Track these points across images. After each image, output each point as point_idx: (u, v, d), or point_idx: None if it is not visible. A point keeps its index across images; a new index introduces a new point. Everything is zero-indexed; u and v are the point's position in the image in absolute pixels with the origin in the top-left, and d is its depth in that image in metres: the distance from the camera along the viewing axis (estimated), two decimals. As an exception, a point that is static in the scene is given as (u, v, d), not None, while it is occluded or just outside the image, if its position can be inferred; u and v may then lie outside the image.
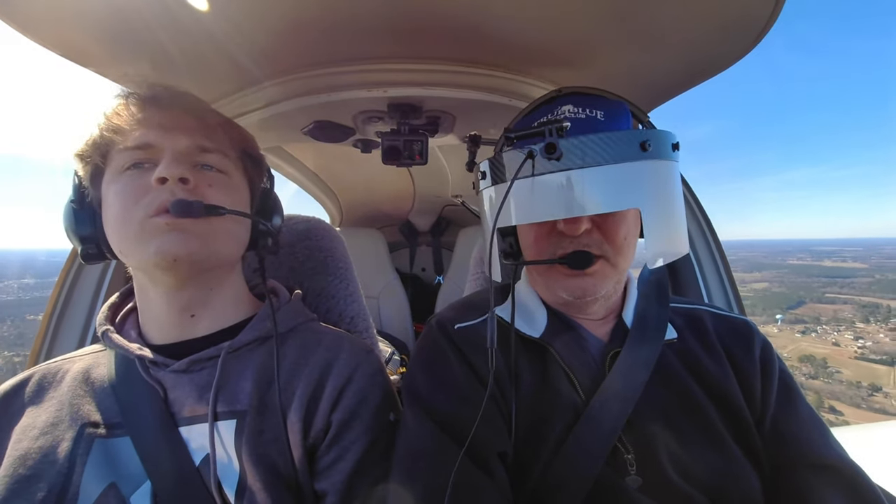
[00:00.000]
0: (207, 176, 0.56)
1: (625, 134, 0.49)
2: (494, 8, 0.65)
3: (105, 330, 0.59)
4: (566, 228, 0.55)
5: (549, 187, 0.50)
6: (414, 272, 2.49)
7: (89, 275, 0.97)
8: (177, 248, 0.51)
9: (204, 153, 0.56)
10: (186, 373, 0.56)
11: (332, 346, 0.62)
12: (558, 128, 0.48)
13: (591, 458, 0.51)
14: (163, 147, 0.54)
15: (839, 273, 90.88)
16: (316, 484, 0.55)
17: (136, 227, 0.51)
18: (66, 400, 0.56)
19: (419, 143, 0.98)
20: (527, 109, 0.65)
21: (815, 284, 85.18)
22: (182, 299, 0.57)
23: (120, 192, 0.53)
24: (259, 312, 0.63)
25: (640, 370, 0.56)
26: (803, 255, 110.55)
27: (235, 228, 0.59)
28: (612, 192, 0.50)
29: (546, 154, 0.48)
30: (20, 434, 0.53)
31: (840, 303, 73.39)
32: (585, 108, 0.56)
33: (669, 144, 0.53)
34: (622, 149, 0.49)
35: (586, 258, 0.54)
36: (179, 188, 0.52)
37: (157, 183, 0.51)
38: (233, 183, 0.59)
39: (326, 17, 0.67)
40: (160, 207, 0.51)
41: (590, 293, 0.57)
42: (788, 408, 0.57)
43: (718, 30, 0.69)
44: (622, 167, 0.49)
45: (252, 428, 0.53)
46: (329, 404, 0.56)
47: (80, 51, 0.71)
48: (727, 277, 1.14)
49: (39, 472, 0.50)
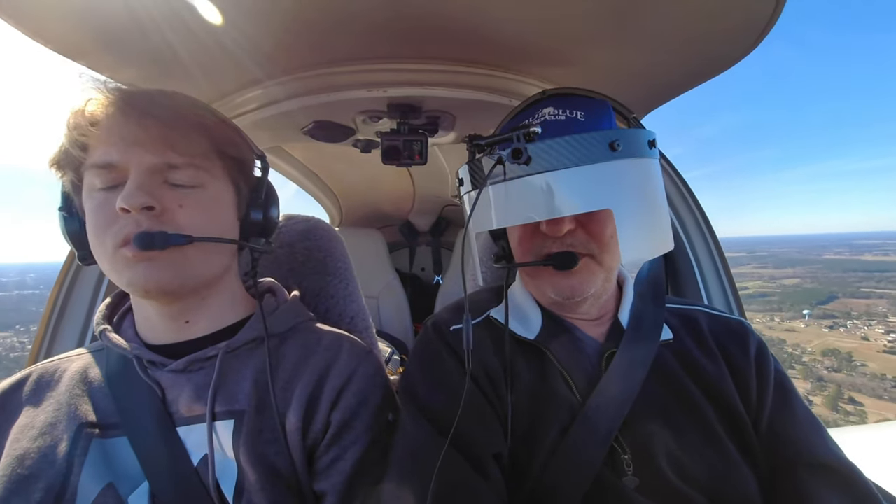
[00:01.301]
0: (178, 194, 0.52)
1: (593, 135, 0.50)
2: (494, 8, 0.65)
3: (103, 329, 0.59)
4: (548, 230, 0.55)
5: (521, 191, 0.51)
6: (413, 272, 2.50)
7: (88, 274, 0.97)
8: (145, 280, 0.50)
9: (172, 170, 0.52)
10: (184, 372, 0.56)
11: (332, 347, 0.61)
12: (526, 133, 0.49)
13: (587, 459, 0.51)
14: (127, 167, 0.50)
15: (879, 267, 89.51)
16: (315, 484, 0.55)
17: (108, 257, 0.50)
18: (63, 400, 0.55)
19: (419, 143, 0.98)
20: (512, 113, 0.66)
21: (851, 279, 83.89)
22: (173, 311, 0.57)
23: (91, 218, 0.51)
24: (256, 312, 0.62)
25: (636, 370, 0.56)
26: (842, 249, 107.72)
27: (212, 246, 0.55)
28: (581, 193, 0.50)
29: (513, 159, 0.49)
30: (18, 434, 0.53)
31: (875, 297, 72.76)
32: (566, 109, 0.57)
33: (645, 142, 0.53)
34: (591, 150, 0.50)
35: (570, 258, 0.55)
36: (144, 217, 0.49)
37: (120, 212, 0.48)
38: (209, 195, 0.54)
39: (326, 17, 0.67)
40: (125, 239, 0.49)
41: (578, 293, 0.57)
42: (784, 408, 0.57)
43: (718, 30, 0.69)
44: (591, 168, 0.50)
45: (250, 428, 0.53)
46: (328, 404, 0.56)
47: (79, 49, 0.71)
48: (726, 276, 1.14)
49: (37, 473, 0.50)
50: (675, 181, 1.17)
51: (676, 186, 1.17)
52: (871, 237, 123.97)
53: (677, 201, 1.17)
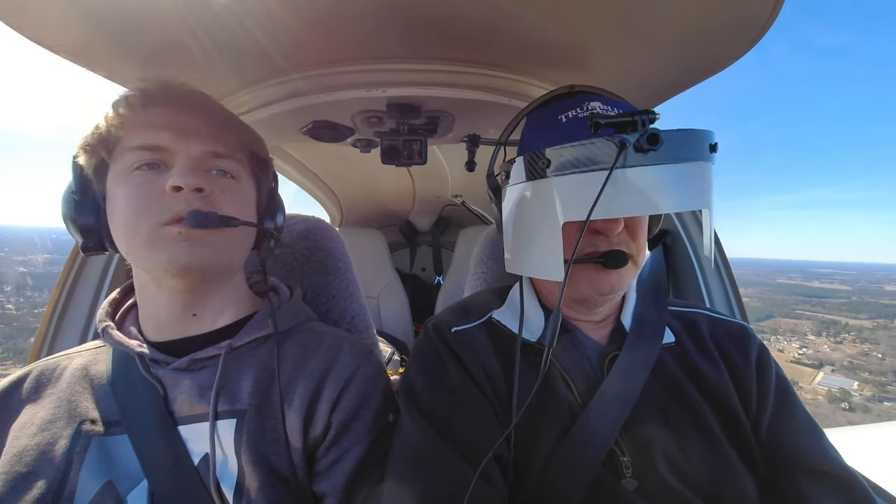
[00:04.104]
0: (220, 182, 0.55)
1: (702, 132, 0.48)
2: (494, 8, 0.65)
3: (105, 326, 0.58)
4: (605, 227, 0.53)
5: (642, 180, 0.46)
6: (414, 272, 2.50)
7: (91, 271, 0.97)
8: (189, 258, 0.51)
9: (217, 159, 0.56)
10: (187, 371, 0.56)
11: (333, 347, 0.61)
12: (650, 118, 0.45)
13: (587, 462, 0.51)
14: (176, 151, 0.53)
15: (819, 293, 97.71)
16: (315, 485, 0.54)
17: (148, 234, 0.50)
18: (64, 397, 0.55)
19: (418, 143, 0.98)
20: (531, 106, 0.63)
21: (791, 302, 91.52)
22: (185, 300, 0.57)
23: (131, 195, 0.51)
24: (259, 311, 0.62)
25: (637, 373, 0.56)
26: (795, 274, 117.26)
27: (243, 235, 0.59)
28: (692, 190, 0.47)
29: (650, 145, 0.44)
30: (18, 431, 0.53)
31: (805, 318, 79.38)
32: (611, 106, 0.55)
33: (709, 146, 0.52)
34: (701, 147, 0.47)
35: (622, 257, 0.54)
36: (195, 197, 0.51)
37: (172, 191, 0.50)
38: (242, 187, 0.59)
39: (326, 17, 0.67)
40: (175, 217, 0.50)
41: (616, 290, 0.56)
42: (785, 412, 0.57)
43: (717, 29, 0.68)
44: (699, 166, 0.47)
45: (252, 427, 0.53)
46: (329, 405, 0.56)
47: (77, 47, 0.70)
48: (729, 280, 1.13)
49: (37, 470, 0.50)
50: None
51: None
52: (824, 266, 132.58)
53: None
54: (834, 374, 53.78)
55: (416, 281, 2.46)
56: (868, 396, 48.62)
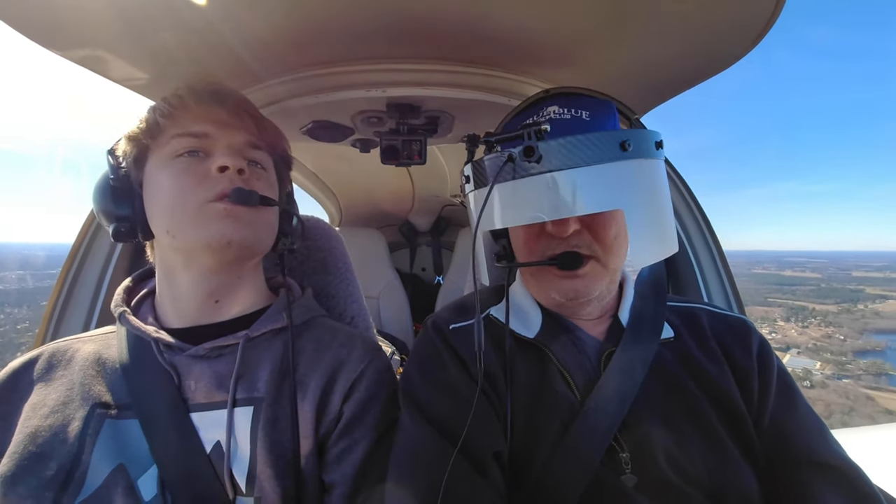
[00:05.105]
0: (255, 171, 0.61)
1: (604, 134, 0.49)
2: (493, 8, 0.65)
3: (122, 311, 0.60)
4: (554, 230, 0.55)
5: (529, 190, 0.50)
6: (414, 272, 2.50)
7: (95, 260, 0.97)
8: (232, 233, 0.55)
9: (254, 149, 0.61)
10: (204, 358, 0.57)
11: (346, 343, 0.64)
12: (537, 131, 0.49)
13: (586, 458, 0.51)
14: (218, 139, 0.58)
15: (791, 282, 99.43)
16: (324, 475, 0.55)
17: (194, 211, 0.54)
18: (76, 380, 0.56)
19: (418, 143, 0.98)
20: (514, 111, 0.65)
21: (764, 290, 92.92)
22: (211, 284, 0.59)
23: (176, 175, 0.56)
24: (275, 303, 0.64)
25: (636, 369, 0.56)
26: (770, 264, 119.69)
27: (274, 221, 0.64)
28: (592, 193, 0.49)
29: (524, 157, 0.48)
30: (30, 411, 0.54)
31: (776, 306, 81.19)
32: (571, 108, 0.57)
33: (652, 143, 0.53)
34: (602, 149, 0.49)
35: (576, 259, 0.55)
36: (238, 178, 0.56)
37: (217, 171, 0.56)
38: (271, 179, 0.64)
39: (325, 18, 0.67)
40: (220, 194, 0.55)
41: (582, 295, 0.57)
42: (787, 407, 0.57)
43: (718, 29, 0.68)
44: (602, 168, 0.49)
45: (267, 416, 0.54)
46: (341, 396, 0.57)
47: (74, 48, 0.70)
48: (726, 276, 1.13)
49: (49, 451, 0.50)
50: (675, 181, 1.16)
51: (677, 187, 1.17)
52: (799, 255, 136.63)
53: (678, 202, 1.17)
54: (799, 356, 56.32)
55: (416, 281, 2.47)
56: (828, 375, 51.01)
